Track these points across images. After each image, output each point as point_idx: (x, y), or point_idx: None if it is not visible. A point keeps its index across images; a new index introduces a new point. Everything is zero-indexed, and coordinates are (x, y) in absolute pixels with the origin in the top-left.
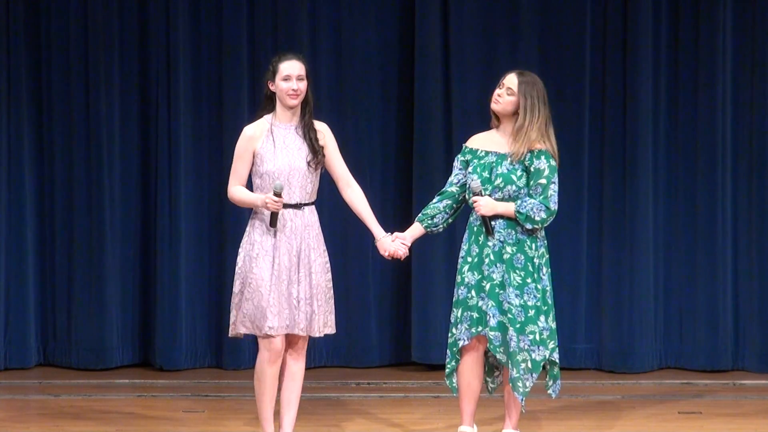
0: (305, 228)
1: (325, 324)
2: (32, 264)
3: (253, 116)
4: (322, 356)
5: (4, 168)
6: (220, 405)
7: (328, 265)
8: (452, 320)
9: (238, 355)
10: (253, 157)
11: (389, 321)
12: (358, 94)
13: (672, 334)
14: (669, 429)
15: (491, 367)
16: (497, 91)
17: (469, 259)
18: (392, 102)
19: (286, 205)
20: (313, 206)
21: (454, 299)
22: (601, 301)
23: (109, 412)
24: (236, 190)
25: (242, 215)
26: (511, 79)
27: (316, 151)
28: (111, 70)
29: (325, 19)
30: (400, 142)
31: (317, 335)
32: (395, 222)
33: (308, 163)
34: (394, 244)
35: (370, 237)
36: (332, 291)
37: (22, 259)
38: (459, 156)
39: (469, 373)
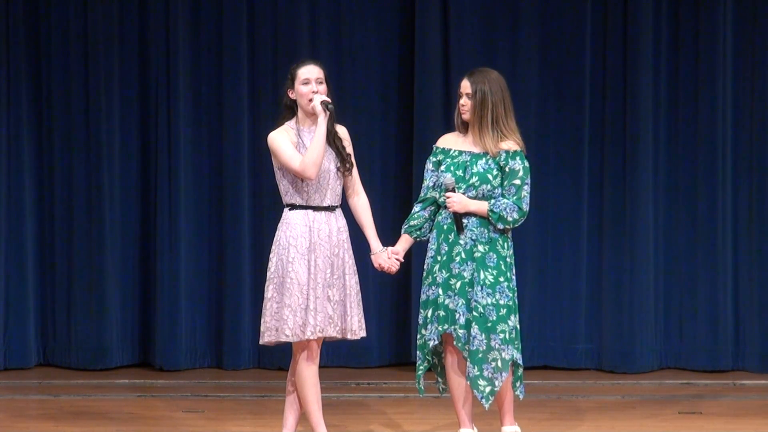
0: (338, 230)
1: (359, 328)
2: (32, 264)
3: (253, 117)
4: (322, 356)
5: (4, 168)
6: (220, 405)
7: (355, 267)
8: (421, 321)
9: (238, 355)
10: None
11: (389, 321)
12: (358, 94)
13: (672, 334)
14: (669, 429)
15: (444, 367)
16: (460, 101)
17: (439, 258)
18: (392, 102)
19: (317, 208)
20: (341, 209)
21: (422, 299)
22: (601, 301)
23: (109, 412)
24: (305, 156)
25: (242, 215)
26: (464, 85)
27: (344, 157)
28: (111, 70)
29: (325, 19)
30: (400, 142)
31: (353, 338)
32: (395, 222)
33: (337, 168)
34: (389, 261)
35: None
36: (360, 295)
37: (22, 259)
38: (430, 157)
39: (457, 374)
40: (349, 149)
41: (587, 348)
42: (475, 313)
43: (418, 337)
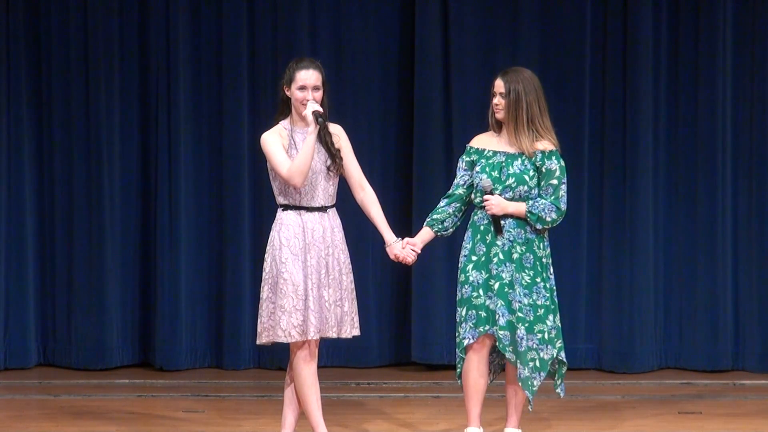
0: (332, 230)
1: (353, 326)
2: (32, 264)
3: (253, 117)
4: (322, 356)
5: (4, 168)
6: (220, 405)
7: (350, 266)
8: (457, 320)
9: (238, 355)
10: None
11: (389, 321)
12: (358, 94)
13: (672, 334)
14: (669, 429)
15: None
16: (494, 100)
17: (474, 258)
18: (392, 102)
19: (309, 209)
20: (335, 209)
21: (458, 298)
22: (601, 301)
23: (109, 412)
24: (292, 164)
25: (242, 215)
26: (499, 84)
27: (333, 155)
28: (111, 70)
29: (325, 19)
30: (400, 142)
31: (347, 336)
32: (395, 222)
33: (328, 168)
34: (404, 250)
35: (370, 237)
36: (355, 292)
37: (22, 259)
38: (464, 157)
39: (475, 372)
40: (339, 144)
41: (587, 348)
42: (518, 314)
43: (456, 335)
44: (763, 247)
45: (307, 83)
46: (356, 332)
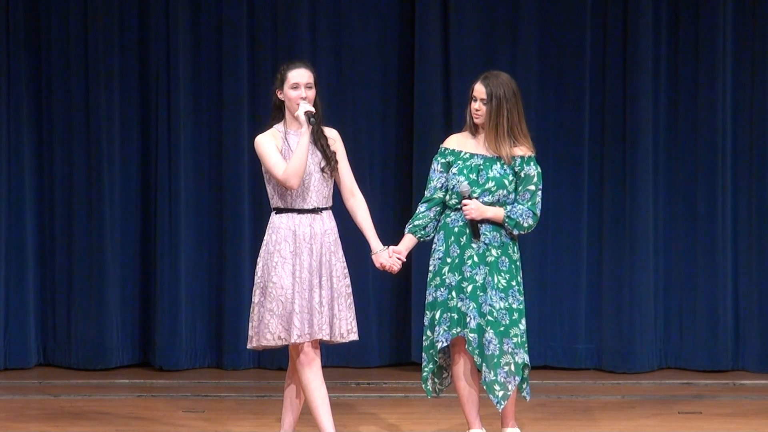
0: (324, 233)
1: (349, 330)
2: (32, 264)
3: (253, 117)
4: (323, 356)
5: (4, 168)
6: (220, 405)
7: (347, 270)
8: (427, 322)
9: (238, 355)
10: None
11: (389, 321)
12: (358, 94)
13: (672, 334)
14: (669, 429)
15: (440, 368)
16: (474, 105)
17: (449, 260)
18: (392, 102)
19: (301, 211)
20: (330, 211)
21: (429, 300)
22: (602, 301)
23: (109, 412)
24: (288, 166)
25: (242, 215)
26: (479, 90)
27: (328, 157)
28: (111, 70)
29: (325, 19)
30: (400, 142)
31: (341, 341)
32: (395, 222)
33: (322, 169)
34: (390, 259)
35: None
36: (352, 297)
37: (22, 259)
38: (438, 158)
39: (466, 375)
40: (334, 147)
41: (587, 348)
42: (489, 318)
43: (424, 338)
44: (763, 247)
45: (300, 81)
46: (353, 337)
